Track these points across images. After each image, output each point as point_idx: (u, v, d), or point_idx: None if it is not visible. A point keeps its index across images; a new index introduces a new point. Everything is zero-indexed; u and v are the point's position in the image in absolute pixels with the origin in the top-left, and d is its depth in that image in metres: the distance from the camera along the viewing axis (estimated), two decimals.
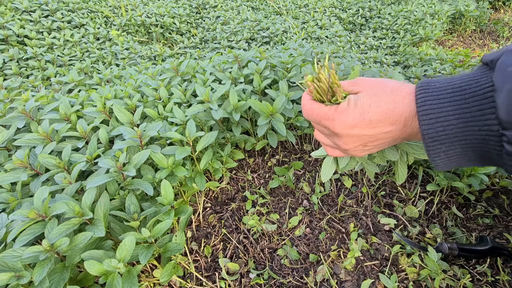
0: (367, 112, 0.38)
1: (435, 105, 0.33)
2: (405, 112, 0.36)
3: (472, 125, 0.31)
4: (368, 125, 0.38)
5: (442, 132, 0.33)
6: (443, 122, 0.32)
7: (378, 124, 0.38)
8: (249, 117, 1.27)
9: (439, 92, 0.33)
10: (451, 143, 0.33)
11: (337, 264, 0.95)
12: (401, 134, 0.38)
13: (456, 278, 0.87)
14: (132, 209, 0.83)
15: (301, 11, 3.97)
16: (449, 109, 0.32)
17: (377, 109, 0.37)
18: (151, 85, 1.36)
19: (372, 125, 0.38)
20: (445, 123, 0.32)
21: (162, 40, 3.29)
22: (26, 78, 2.21)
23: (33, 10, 2.80)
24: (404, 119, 0.37)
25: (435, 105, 0.33)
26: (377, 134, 0.39)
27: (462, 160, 0.35)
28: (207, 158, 1.06)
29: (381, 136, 0.39)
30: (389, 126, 0.38)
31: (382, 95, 0.38)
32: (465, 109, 0.31)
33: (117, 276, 0.68)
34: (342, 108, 0.39)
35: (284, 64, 1.37)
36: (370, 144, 0.41)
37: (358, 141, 0.41)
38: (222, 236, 1.05)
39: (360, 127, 0.38)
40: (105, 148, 1.01)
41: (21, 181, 0.86)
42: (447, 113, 0.32)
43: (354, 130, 0.39)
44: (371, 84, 0.39)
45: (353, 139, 0.40)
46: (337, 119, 0.39)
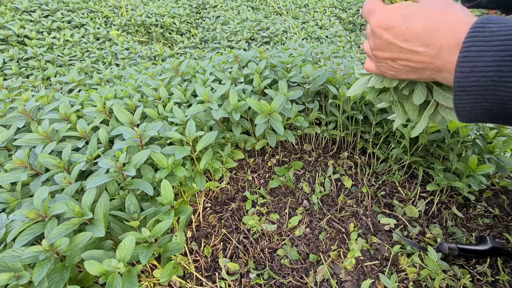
0: (409, 18, 0.35)
1: (478, 53, 0.30)
2: (446, 39, 0.33)
3: (507, 80, 0.29)
4: (403, 34, 0.36)
5: (474, 83, 0.31)
6: (479, 72, 0.30)
7: (412, 38, 0.35)
8: (249, 117, 1.27)
9: (489, 38, 0.30)
10: (481, 96, 0.31)
11: (337, 264, 0.95)
12: (430, 63, 0.35)
13: (456, 278, 0.87)
14: (132, 209, 0.83)
15: (301, 11, 3.97)
16: (490, 59, 0.29)
17: (419, 20, 0.34)
18: (151, 85, 1.36)
19: (405, 36, 0.36)
20: (480, 73, 0.30)
21: (162, 40, 3.29)
22: (26, 78, 2.21)
23: (33, 10, 2.80)
24: (440, 47, 0.33)
25: (478, 52, 0.30)
26: (407, 50, 0.36)
27: (487, 116, 0.33)
28: (207, 158, 1.06)
29: (410, 56, 0.37)
30: (421, 46, 0.35)
31: (435, 8, 0.34)
32: (506, 62, 0.28)
33: (117, 276, 0.68)
34: (391, 5, 0.38)
35: (284, 64, 1.37)
36: (398, 61, 0.39)
37: (388, 49, 0.39)
38: (222, 236, 1.05)
39: (394, 33, 0.36)
40: (105, 148, 1.01)
41: (21, 181, 0.86)
42: (486, 64, 0.29)
43: (387, 32, 0.37)
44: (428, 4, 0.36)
45: (384, 44, 0.39)
46: (379, 13, 0.38)
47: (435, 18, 0.34)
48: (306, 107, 1.29)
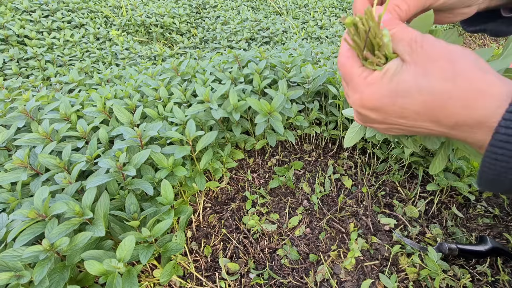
0: (402, 95, 0.27)
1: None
2: (461, 116, 0.26)
3: None
4: (397, 113, 0.29)
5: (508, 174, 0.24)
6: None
7: (413, 116, 0.28)
8: (249, 117, 1.27)
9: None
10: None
11: (337, 264, 0.95)
12: (443, 134, 0.29)
13: (456, 278, 0.87)
14: (132, 209, 0.83)
15: (301, 11, 3.97)
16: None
17: (416, 98, 0.27)
18: (151, 85, 1.36)
19: (402, 114, 0.28)
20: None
21: (162, 40, 3.29)
22: (26, 78, 2.21)
23: (33, 10, 2.80)
24: (454, 124, 0.27)
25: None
26: (409, 125, 0.30)
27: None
28: (207, 158, 1.06)
29: (413, 128, 0.30)
30: (429, 123, 0.28)
31: (434, 79, 0.26)
32: None
33: (117, 276, 0.68)
34: (372, 79, 0.29)
35: (284, 64, 1.37)
36: (396, 130, 0.33)
37: (380, 123, 0.32)
38: (222, 236, 1.05)
39: (385, 112, 0.29)
40: (105, 148, 1.01)
41: (21, 181, 0.86)
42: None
43: (376, 113, 0.30)
44: (433, 57, 0.26)
45: (373, 121, 0.32)
46: (360, 92, 0.30)
47: (437, 94, 0.26)
48: (306, 107, 1.29)
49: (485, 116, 0.25)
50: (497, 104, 0.24)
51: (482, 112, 0.25)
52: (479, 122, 0.25)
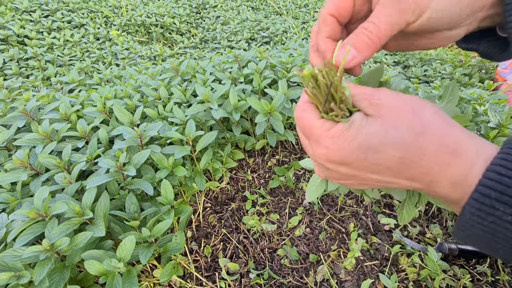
0: (373, 150, 0.25)
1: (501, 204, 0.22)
2: (436, 175, 0.25)
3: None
4: (371, 169, 0.26)
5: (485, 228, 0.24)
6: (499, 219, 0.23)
7: (387, 172, 0.26)
8: (249, 117, 1.27)
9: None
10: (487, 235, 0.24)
11: (337, 264, 0.95)
12: (421, 190, 0.28)
13: (456, 278, 0.87)
14: (132, 209, 0.83)
15: (301, 11, 3.97)
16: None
17: (388, 152, 0.25)
18: (151, 85, 1.36)
19: (374, 170, 0.26)
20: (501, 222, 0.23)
21: (162, 40, 3.28)
22: (26, 78, 2.21)
23: (33, 10, 2.80)
24: (429, 182, 0.25)
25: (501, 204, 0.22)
26: (384, 180, 0.28)
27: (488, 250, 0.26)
28: (207, 158, 1.06)
29: (388, 185, 0.28)
30: (404, 180, 0.27)
31: (406, 132, 0.24)
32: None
33: (117, 276, 0.68)
34: (337, 132, 0.26)
35: (284, 64, 1.37)
36: (365, 185, 0.30)
37: (350, 179, 0.29)
38: (222, 236, 1.05)
39: (357, 168, 0.27)
40: (105, 148, 1.01)
41: (21, 181, 0.86)
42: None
43: (344, 168, 0.28)
44: (396, 109, 0.25)
45: (343, 176, 0.29)
46: (325, 146, 0.27)
47: (410, 149, 0.24)
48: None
49: (459, 175, 0.24)
50: (469, 163, 0.24)
51: (455, 171, 0.24)
52: (453, 181, 0.25)
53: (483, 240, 0.24)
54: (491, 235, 0.23)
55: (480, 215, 0.23)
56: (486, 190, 0.23)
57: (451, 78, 2.10)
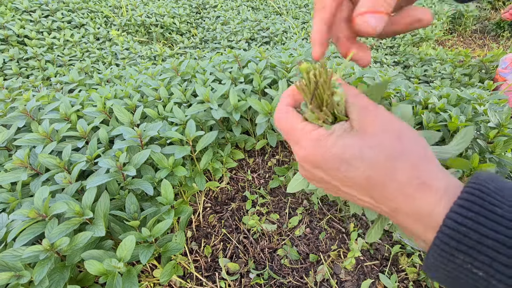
0: (346, 162, 0.25)
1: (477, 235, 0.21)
2: (401, 204, 0.25)
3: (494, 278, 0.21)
4: (340, 180, 0.27)
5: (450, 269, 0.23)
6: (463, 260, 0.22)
7: (355, 187, 0.26)
8: (249, 117, 1.27)
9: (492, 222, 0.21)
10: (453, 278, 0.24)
11: (337, 264, 0.95)
12: (387, 214, 0.27)
13: None
14: (132, 209, 0.83)
15: (301, 11, 3.97)
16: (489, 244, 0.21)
17: (359, 169, 0.25)
18: (151, 85, 1.36)
19: (345, 182, 0.27)
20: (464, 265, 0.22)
21: (162, 40, 3.29)
22: (26, 78, 2.21)
23: (33, 10, 2.80)
24: (394, 209, 0.25)
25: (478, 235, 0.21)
26: (352, 194, 0.28)
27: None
28: (207, 158, 1.06)
29: (357, 201, 0.29)
30: (367, 197, 0.27)
31: (381, 154, 0.25)
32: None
33: (117, 276, 0.68)
34: (317, 136, 0.27)
35: (284, 64, 1.37)
36: (338, 194, 0.31)
37: (324, 183, 0.30)
38: (222, 236, 1.05)
39: (328, 174, 0.27)
40: (105, 148, 1.01)
41: (21, 181, 0.86)
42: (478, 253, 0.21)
43: (319, 172, 0.28)
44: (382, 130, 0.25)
45: (317, 179, 0.30)
46: (304, 147, 0.27)
47: (380, 171, 0.24)
48: None
49: (424, 210, 0.24)
50: (436, 199, 0.23)
51: (420, 204, 0.24)
52: (417, 215, 0.24)
53: (448, 283, 0.24)
54: (453, 280, 0.23)
55: (442, 261, 0.23)
56: (445, 238, 0.22)
57: (451, 78, 2.10)
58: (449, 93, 1.27)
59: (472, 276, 0.22)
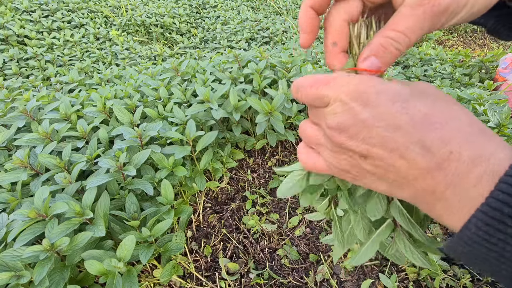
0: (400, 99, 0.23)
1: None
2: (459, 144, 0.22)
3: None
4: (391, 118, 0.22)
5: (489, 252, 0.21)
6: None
7: (405, 126, 0.22)
8: (249, 117, 1.27)
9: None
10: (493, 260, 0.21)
11: (337, 264, 0.95)
12: (421, 176, 0.23)
13: (456, 278, 0.87)
14: (132, 209, 0.83)
15: None
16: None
17: (415, 105, 0.22)
18: (151, 85, 1.36)
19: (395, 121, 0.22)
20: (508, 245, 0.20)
21: (162, 40, 3.29)
22: (26, 78, 2.21)
23: (33, 10, 2.80)
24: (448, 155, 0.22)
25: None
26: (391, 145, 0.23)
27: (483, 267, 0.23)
28: (207, 158, 1.06)
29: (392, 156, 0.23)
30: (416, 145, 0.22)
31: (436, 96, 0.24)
32: None
33: (117, 276, 0.68)
34: (368, 78, 0.24)
35: (284, 64, 1.37)
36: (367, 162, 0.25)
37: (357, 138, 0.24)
38: (222, 236, 1.05)
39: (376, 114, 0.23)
40: (105, 148, 1.01)
41: (21, 181, 0.86)
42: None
43: (365, 110, 0.23)
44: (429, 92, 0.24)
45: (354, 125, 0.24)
46: (353, 84, 0.24)
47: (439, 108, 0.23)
48: (306, 107, 1.29)
49: (483, 152, 0.21)
50: (495, 145, 0.22)
51: (480, 146, 0.21)
52: (474, 157, 0.21)
53: (485, 259, 0.22)
54: (497, 254, 0.21)
55: (487, 230, 0.20)
56: (498, 203, 0.20)
57: (451, 78, 2.10)
58: (449, 93, 1.27)
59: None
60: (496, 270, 0.22)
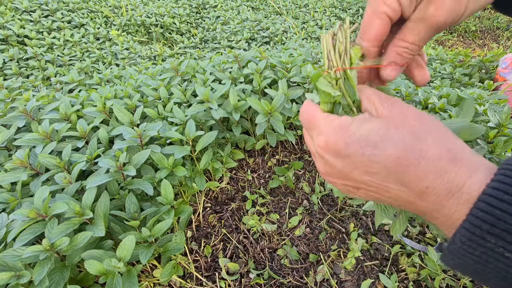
0: (373, 146, 0.25)
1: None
2: (433, 182, 0.24)
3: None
4: (366, 167, 0.25)
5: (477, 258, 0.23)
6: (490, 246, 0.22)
7: (382, 172, 0.25)
8: (249, 117, 1.27)
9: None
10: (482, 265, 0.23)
11: (337, 264, 0.95)
12: (410, 203, 0.26)
13: (456, 278, 0.87)
14: (132, 209, 0.83)
15: (301, 11, 3.97)
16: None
17: (387, 150, 0.24)
18: (151, 85, 1.36)
19: (371, 170, 0.25)
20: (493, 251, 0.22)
21: (162, 40, 3.29)
22: (26, 78, 2.21)
23: (33, 10, 2.80)
24: (423, 190, 0.24)
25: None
26: (375, 184, 0.26)
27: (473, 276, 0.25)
28: (207, 158, 1.06)
29: (378, 191, 0.27)
30: (397, 185, 0.25)
31: (408, 134, 0.24)
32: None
33: (117, 276, 0.68)
34: (339, 123, 0.27)
35: (284, 64, 1.37)
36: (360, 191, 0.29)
37: (342, 179, 0.29)
38: (222, 236, 1.05)
39: (352, 163, 0.26)
40: (105, 148, 1.01)
41: (21, 181, 0.86)
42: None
43: (340, 162, 0.27)
44: (403, 114, 0.26)
45: (337, 173, 0.28)
46: (326, 135, 0.27)
47: (410, 150, 0.24)
48: None
49: (456, 183, 0.23)
50: (468, 171, 0.23)
51: (452, 178, 0.23)
52: (449, 189, 0.23)
53: (473, 270, 0.24)
54: (482, 265, 0.23)
55: (470, 245, 0.23)
56: (477, 221, 0.22)
57: (451, 78, 2.09)
58: (449, 93, 1.27)
59: (503, 261, 0.21)
60: (485, 279, 0.24)
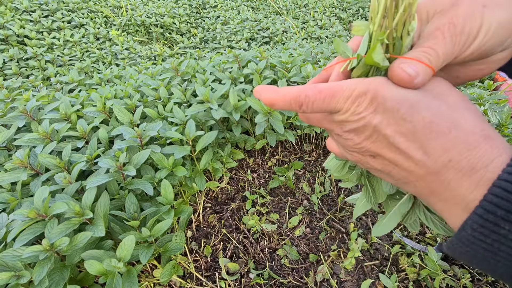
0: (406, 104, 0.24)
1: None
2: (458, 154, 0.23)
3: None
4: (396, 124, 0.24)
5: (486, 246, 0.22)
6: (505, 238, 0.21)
7: (409, 135, 0.24)
8: (249, 117, 1.27)
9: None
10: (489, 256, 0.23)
11: (337, 264, 0.95)
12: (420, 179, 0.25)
13: (456, 278, 0.87)
14: (132, 209, 0.83)
15: (301, 11, 3.97)
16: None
17: (420, 112, 0.23)
18: (151, 85, 1.36)
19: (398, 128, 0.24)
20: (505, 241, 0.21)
21: (162, 40, 3.29)
22: (26, 78, 2.21)
23: (33, 10, 2.80)
24: (446, 163, 0.23)
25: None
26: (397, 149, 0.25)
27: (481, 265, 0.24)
28: (207, 158, 1.06)
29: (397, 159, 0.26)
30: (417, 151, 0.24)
31: (444, 104, 0.24)
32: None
33: (117, 276, 0.68)
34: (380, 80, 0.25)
35: (284, 64, 1.37)
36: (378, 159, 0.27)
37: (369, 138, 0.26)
38: (222, 236, 1.05)
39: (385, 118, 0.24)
40: (105, 148, 1.01)
41: (21, 181, 0.86)
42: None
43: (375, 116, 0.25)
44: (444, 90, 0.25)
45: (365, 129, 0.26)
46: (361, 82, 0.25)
47: (445, 117, 0.23)
48: None
49: (483, 160, 0.22)
50: (499, 152, 0.22)
51: (480, 154, 0.22)
52: (473, 166, 0.22)
53: (482, 258, 0.23)
54: (492, 253, 0.22)
55: (482, 232, 0.22)
56: (491, 206, 0.21)
57: None
58: None
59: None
60: (493, 269, 0.23)
